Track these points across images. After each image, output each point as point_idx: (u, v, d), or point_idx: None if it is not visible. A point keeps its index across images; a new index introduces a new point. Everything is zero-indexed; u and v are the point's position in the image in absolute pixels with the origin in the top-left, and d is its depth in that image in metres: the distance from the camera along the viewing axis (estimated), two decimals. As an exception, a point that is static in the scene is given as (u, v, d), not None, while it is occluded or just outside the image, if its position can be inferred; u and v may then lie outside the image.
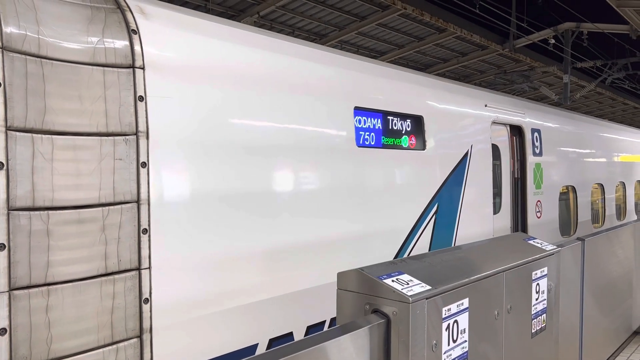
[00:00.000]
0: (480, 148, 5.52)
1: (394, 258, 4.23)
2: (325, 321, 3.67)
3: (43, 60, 2.35)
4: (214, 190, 2.99)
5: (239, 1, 10.76)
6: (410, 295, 2.35)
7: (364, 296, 2.49)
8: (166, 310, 2.72)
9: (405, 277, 2.52)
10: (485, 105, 5.76)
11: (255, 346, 3.18)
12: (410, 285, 2.45)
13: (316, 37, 12.67)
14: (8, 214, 2.21)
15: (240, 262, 3.10)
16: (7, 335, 2.19)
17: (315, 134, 3.66)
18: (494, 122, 5.81)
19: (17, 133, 2.25)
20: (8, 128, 2.22)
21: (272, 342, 3.26)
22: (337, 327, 2.39)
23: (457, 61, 15.88)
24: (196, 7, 9.78)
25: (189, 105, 2.93)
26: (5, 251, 2.20)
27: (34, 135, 2.31)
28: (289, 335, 3.40)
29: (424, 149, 4.69)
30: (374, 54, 14.24)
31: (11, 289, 2.22)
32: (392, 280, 2.44)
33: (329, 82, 3.88)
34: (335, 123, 3.83)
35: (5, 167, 2.21)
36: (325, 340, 2.17)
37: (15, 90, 2.25)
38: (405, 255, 4.39)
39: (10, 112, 2.23)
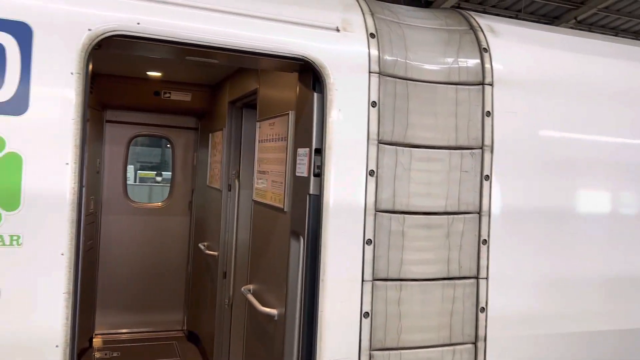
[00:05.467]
0: None
1: None
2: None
3: (408, 81, 2.66)
4: (554, 206, 2.90)
5: (553, 8, 10.16)
6: None
7: None
8: (501, 321, 2.75)
9: None
10: None
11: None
12: None
13: (645, 38, 10.99)
14: (375, 214, 2.58)
15: (581, 286, 2.91)
16: (369, 318, 2.55)
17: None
18: None
19: (386, 146, 2.61)
20: (379, 141, 2.60)
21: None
22: None
23: None
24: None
25: (530, 120, 2.90)
26: (372, 246, 2.57)
27: (397, 147, 2.64)
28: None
29: None
30: None
31: (374, 279, 2.58)
32: None
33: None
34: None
35: (375, 175, 2.58)
36: None
37: (386, 109, 2.61)
38: None
39: (382, 127, 2.60)
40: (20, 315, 2.03)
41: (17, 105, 2.02)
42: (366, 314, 2.55)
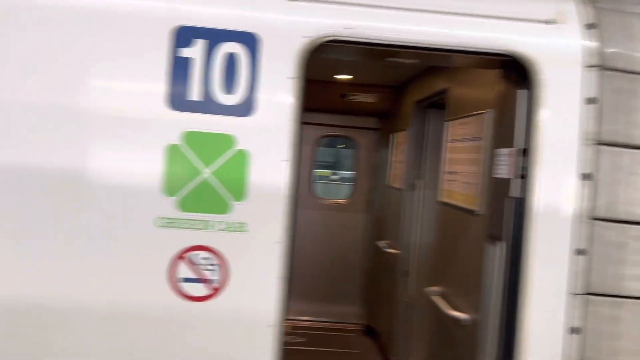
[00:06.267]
0: None
1: None
2: None
3: (634, 75, 2.37)
4: None
5: None
6: None
7: None
8: None
9: None
10: None
11: None
12: None
13: None
14: (589, 222, 2.35)
15: None
16: (577, 335, 2.34)
17: None
18: None
19: (603, 147, 2.36)
20: (596, 142, 2.36)
21: None
22: None
23: None
24: None
25: None
26: (584, 256, 2.34)
27: (618, 149, 2.37)
28: None
29: None
30: None
31: (585, 292, 2.35)
32: None
33: None
34: None
35: (590, 178, 2.35)
36: None
37: (605, 106, 2.36)
38: None
39: (599, 126, 2.36)
40: (244, 295, 2.28)
41: (246, 107, 2.27)
42: (574, 330, 2.34)
